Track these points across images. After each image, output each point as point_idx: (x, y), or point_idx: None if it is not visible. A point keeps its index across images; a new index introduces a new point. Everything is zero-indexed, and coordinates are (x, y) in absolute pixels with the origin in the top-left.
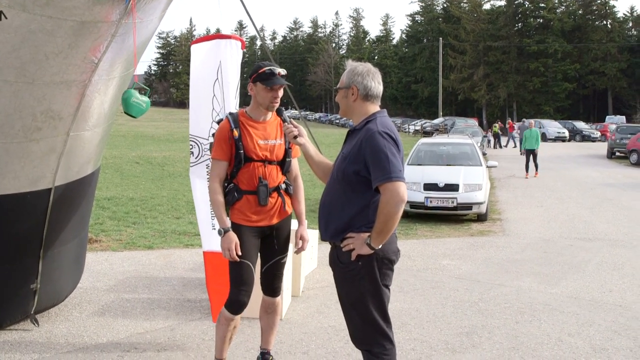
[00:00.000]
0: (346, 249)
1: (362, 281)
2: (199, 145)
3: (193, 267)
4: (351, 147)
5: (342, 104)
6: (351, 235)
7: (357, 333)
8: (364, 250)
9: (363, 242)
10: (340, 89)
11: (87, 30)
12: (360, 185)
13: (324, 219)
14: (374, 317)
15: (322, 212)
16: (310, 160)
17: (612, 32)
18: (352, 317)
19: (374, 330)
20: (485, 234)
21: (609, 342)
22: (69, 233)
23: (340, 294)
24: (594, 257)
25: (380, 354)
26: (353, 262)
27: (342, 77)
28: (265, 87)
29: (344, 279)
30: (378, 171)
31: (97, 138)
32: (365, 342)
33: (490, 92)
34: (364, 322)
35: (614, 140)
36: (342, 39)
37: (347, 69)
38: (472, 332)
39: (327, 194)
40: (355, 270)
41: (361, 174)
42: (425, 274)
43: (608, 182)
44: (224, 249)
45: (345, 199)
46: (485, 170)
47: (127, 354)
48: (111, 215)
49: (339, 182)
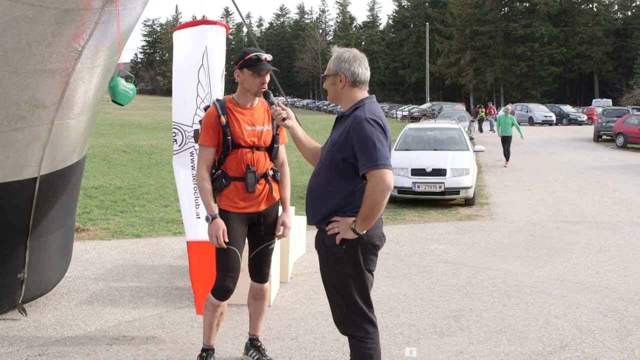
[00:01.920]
0: (331, 233)
1: (345, 265)
2: (182, 133)
3: (181, 255)
4: (339, 134)
5: (331, 91)
6: (336, 219)
7: (340, 317)
8: (348, 234)
9: (348, 227)
10: (328, 76)
11: (69, 18)
12: (347, 172)
13: (311, 204)
14: (356, 300)
15: (309, 197)
16: (299, 143)
17: (598, 15)
18: (335, 300)
19: (356, 314)
20: (472, 219)
21: (595, 323)
22: (56, 222)
23: (324, 278)
24: (580, 239)
25: (363, 337)
26: (337, 246)
27: (328, 64)
28: (252, 73)
29: (328, 262)
30: (365, 158)
31: (82, 126)
32: (348, 326)
33: (477, 77)
34: (346, 305)
35: (600, 123)
36: (328, 25)
37: (334, 55)
38: (459, 315)
39: (314, 179)
40: (339, 254)
41: (349, 161)
42: (413, 258)
43: (595, 165)
44: (211, 235)
45: (333, 185)
46: (473, 155)
47: (116, 342)
48: (99, 204)
49: (327, 168)
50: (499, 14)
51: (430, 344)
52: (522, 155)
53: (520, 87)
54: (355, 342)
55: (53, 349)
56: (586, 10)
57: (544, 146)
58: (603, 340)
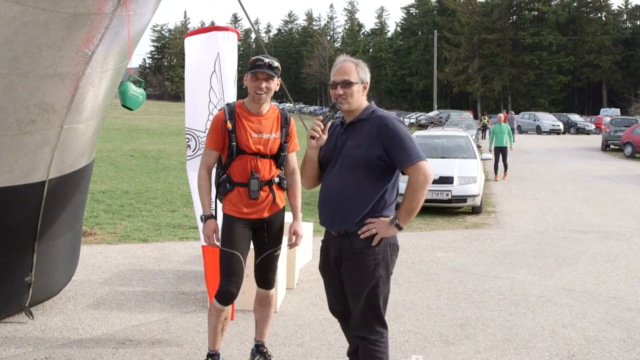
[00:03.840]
0: (366, 235)
1: (377, 268)
2: (195, 139)
3: (188, 260)
4: (364, 135)
5: (356, 97)
6: (371, 220)
7: (360, 321)
8: (390, 232)
9: (388, 225)
10: (357, 83)
11: (80, 23)
12: (379, 170)
13: (342, 209)
14: (379, 304)
15: (335, 202)
16: (313, 163)
17: (606, 24)
18: (359, 305)
19: (375, 317)
20: (479, 227)
21: (602, 333)
22: (63, 226)
23: (350, 284)
24: (588, 249)
25: (377, 341)
26: (370, 249)
27: (350, 71)
28: (251, 75)
29: (357, 267)
30: (404, 153)
31: (91, 131)
32: (367, 329)
33: (485, 85)
34: (370, 308)
35: (608, 132)
36: (336, 32)
37: (354, 64)
38: (466, 324)
39: (339, 184)
40: (372, 256)
41: (382, 159)
42: (420, 266)
43: (602, 174)
44: (204, 235)
45: (367, 185)
46: (480, 163)
47: (122, 347)
48: (106, 209)
49: (354, 170)
50: (507, 22)
51: (436, 352)
52: (529, 164)
53: (528, 96)
54: (369, 345)
55: (59, 353)
56: (595, 19)
57: (551, 155)
58: (610, 350)
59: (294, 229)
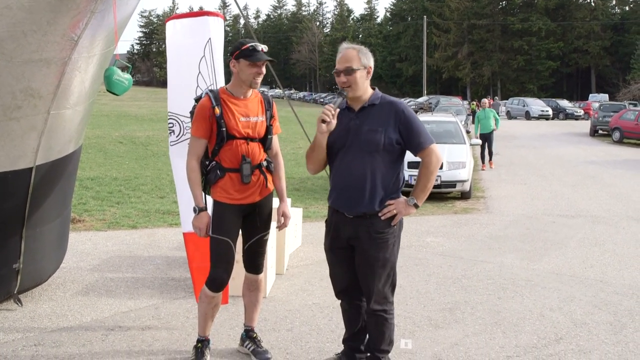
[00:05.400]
0: (388, 216)
1: (395, 244)
2: (180, 124)
3: (177, 246)
4: (380, 120)
5: (360, 83)
6: (390, 202)
7: (380, 296)
8: (409, 211)
9: (406, 205)
10: (359, 69)
11: (65, 7)
12: (396, 153)
13: (365, 192)
14: (395, 277)
15: (360, 186)
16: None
17: (595, 10)
18: (382, 280)
19: (391, 289)
20: (468, 212)
21: (590, 316)
22: (51, 212)
23: (371, 260)
24: (576, 233)
25: (391, 311)
26: (390, 228)
27: (352, 58)
28: (249, 63)
29: (379, 246)
30: (420, 137)
31: (78, 116)
32: (385, 303)
33: (474, 71)
34: (388, 283)
35: (596, 118)
36: (326, 17)
37: (356, 50)
38: (455, 307)
39: (358, 169)
40: (392, 235)
41: (398, 142)
42: (409, 251)
43: (591, 159)
44: (195, 227)
45: (385, 169)
46: (469, 148)
47: (112, 333)
48: (94, 195)
49: (374, 153)
50: (497, 8)
51: (425, 336)
52: (518, 149)
53: (518, 81)
54: (386, 316)
55: (48, 339)
56: (584, 4)
57: (540, 140)
58: (597, 333)
59: (282, 210)
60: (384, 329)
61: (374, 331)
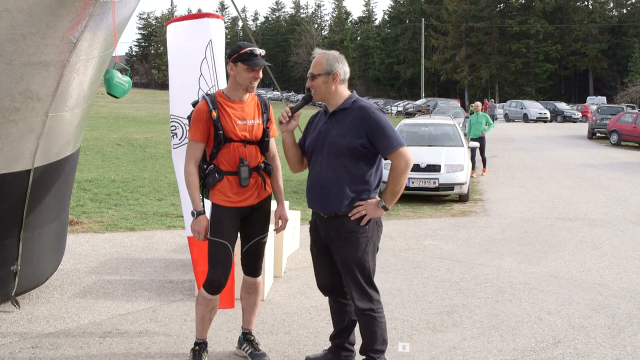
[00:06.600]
0: (357, 217)
1: (368, 244)
2: (182, 127)
3: (175, 249)
4: (347, 125)
5: (322, 89)
6: (360, 203)
7: (360, 294)
8: (378, 213)
9: (375, 207)
10: (321, 75)
11: (64, 9)
12: (363, 157)
13: (331, 193)
14: (371, 276)
15: (324, 187)
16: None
17: (593, 12)
18: (356, 280)
19: (371, 288)
20: (466, 215)
21: (588, 320)
22: (49, 214)
23: (344, 260)
24: (574, 236)
25: (378, 309)
26: (361, 229)
27: (317, 64)
28: (247, 67)
29: (350, 246)
30: (386, 140)
31: (76, 119)
32: (368, 301)
33: (472, 73)
34: (365, 281)
35: (594, 121)
36: (324, 19)
37: (324, 56)
38: (453, 311)
39: (326, 171)
40: (363, 235)
41: (365, 147)
42: (407, 254)
43: (588, 162)
44: (194, 230)
45: (353, 170)
46: (467, 151)
47: (109, 335)
48: (92, 197)
49: (338, 157)
50: (495, 11)
51: (423, 340)
52: (516, 152)
53: (515, 84)
54: (373, 315)
55: (46, 342)
56: (581, 7)
57: (538, 143)
58: (595, 336)
59: (280, 213)
60: (374, 328)
61: (365, 332)
